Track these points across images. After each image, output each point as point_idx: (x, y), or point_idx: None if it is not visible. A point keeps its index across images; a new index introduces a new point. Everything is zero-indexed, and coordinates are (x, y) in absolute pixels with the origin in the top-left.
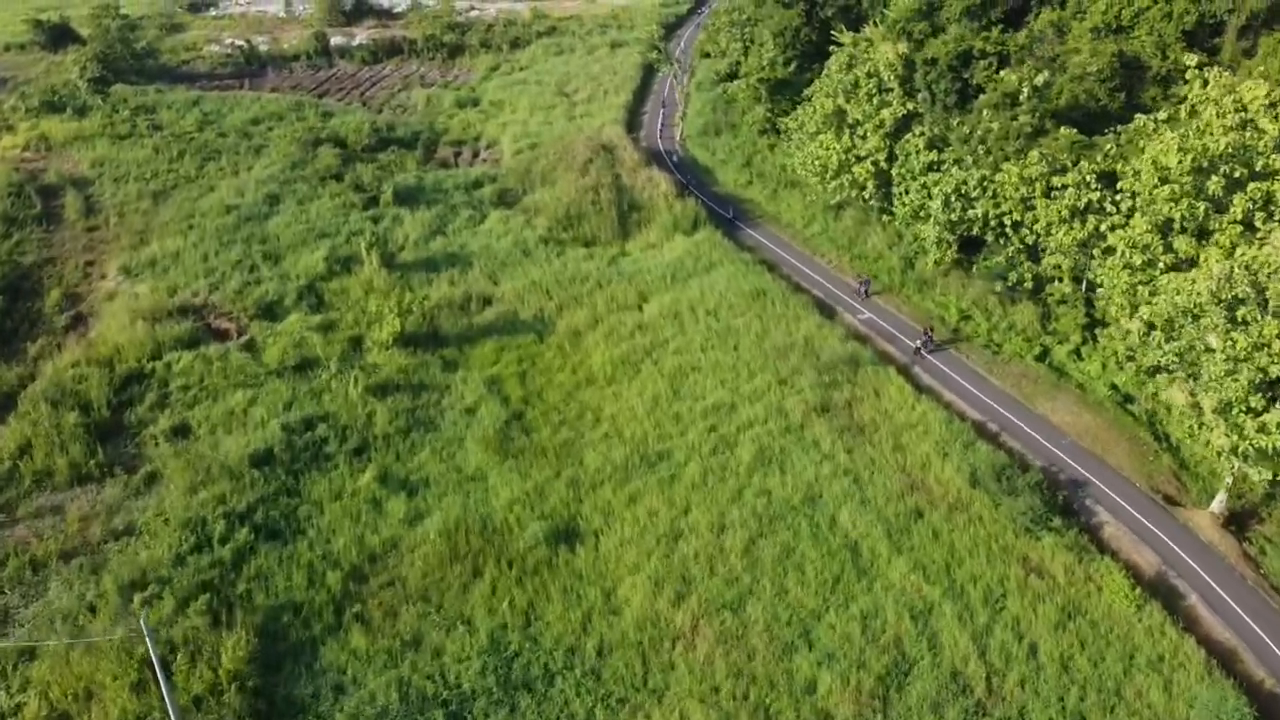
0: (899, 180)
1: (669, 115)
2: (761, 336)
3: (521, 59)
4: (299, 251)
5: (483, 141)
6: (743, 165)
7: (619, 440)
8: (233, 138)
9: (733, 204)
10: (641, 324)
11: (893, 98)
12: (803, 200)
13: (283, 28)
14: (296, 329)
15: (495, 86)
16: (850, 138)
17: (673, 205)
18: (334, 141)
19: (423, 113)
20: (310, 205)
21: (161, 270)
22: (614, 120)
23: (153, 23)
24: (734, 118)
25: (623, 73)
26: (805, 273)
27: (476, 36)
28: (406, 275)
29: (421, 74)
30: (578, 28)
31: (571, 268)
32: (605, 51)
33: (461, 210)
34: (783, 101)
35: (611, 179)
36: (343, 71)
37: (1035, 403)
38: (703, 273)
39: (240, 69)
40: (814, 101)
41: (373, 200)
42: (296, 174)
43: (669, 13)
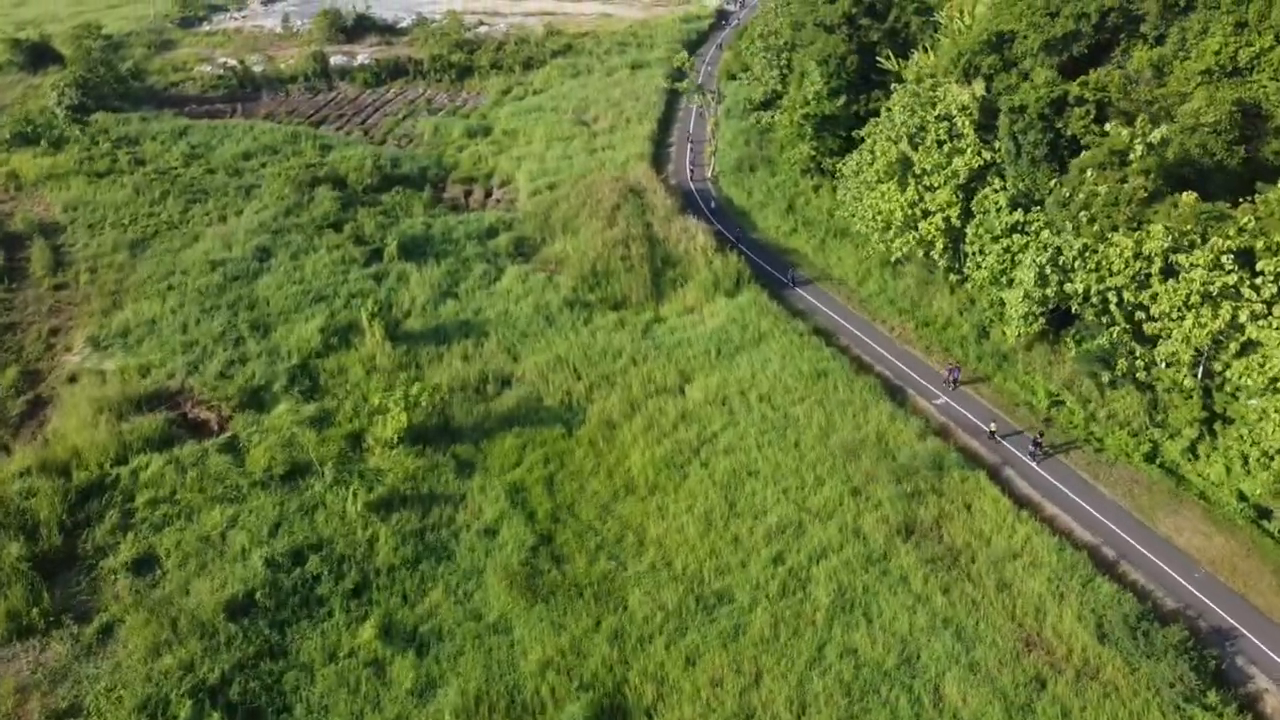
0: (973, 239)
1: (698, 148)
2: (826, 430)
3: (535, 81)
4: (291, 320)
5: (495, 179)
6: (785, 210)
7: (668, 574)
8: (221, 175)
9: (791, 268)
10: (685, 412)
11: (966, 144)
12: (855, 253)
13: (279, 45)
14: (286, 423)
15: (508, 114)
16: (916, 189)
17: (712, 261)
18: (333, 181)
19: (429, 144)
20: (305, 260)
21: (134, 342)
22: (639, 154)
23: (141, 40)
24: (770, 151)
25: (645, 98)
26: (866, 343)
27: (486, 56)
28: (414, 349)
29: (428, 98)
30: (594, 46)
31: (601, 339)
32: (625, 74)
33: (475, 264)
34: (829, 138)
35: (642, 229)
36: (343, 95)
37: (1155, 519)
38: (751, 346)
39: (233, 92)
40: (872, 145)
41: (375, 254)
42: (290, 221)
43: (690, 29)
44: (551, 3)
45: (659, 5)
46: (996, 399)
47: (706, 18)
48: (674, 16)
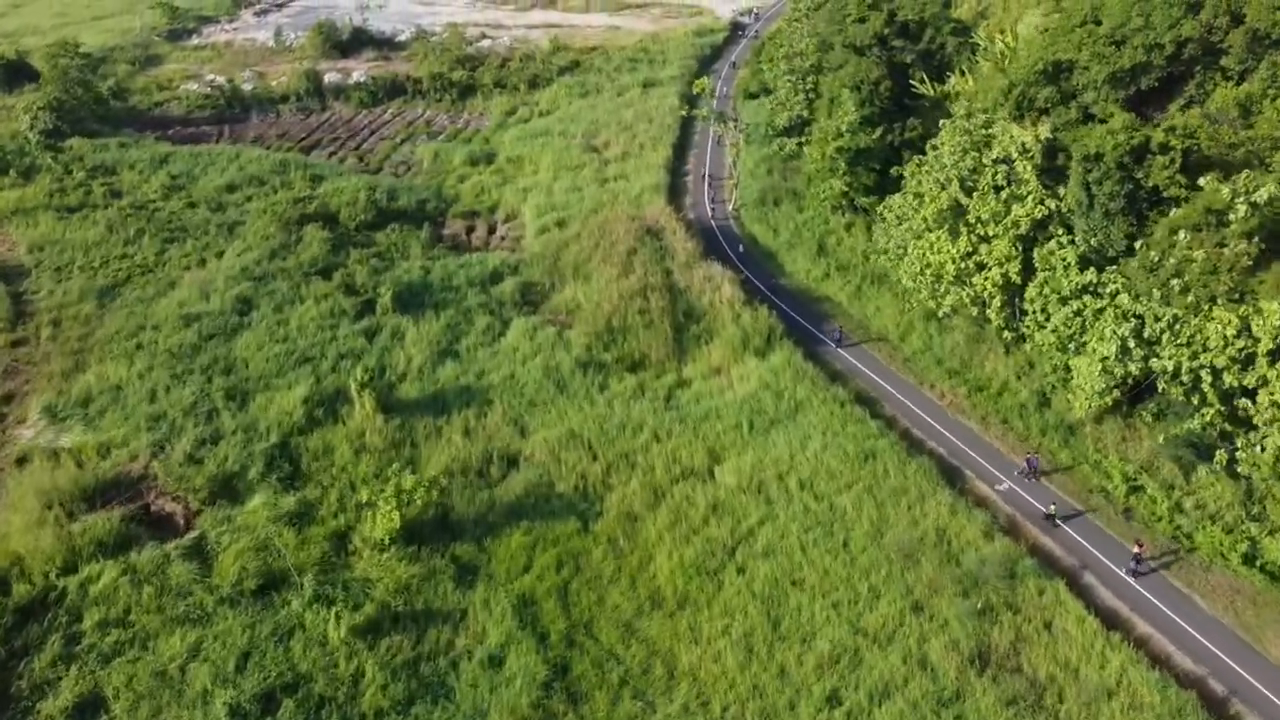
0: (1035, 298)
1: (718, 177)
2: (878, 526)
3: (541, 101)
4: (273, 386)
5: (500, 212)
6: (815, 251)
7: (705, 718)
8: (203, 210)
9: (837, 329)
10: (716, 502)
11: (1027, 191)
12: (895, 302)
13: (271, 60)
14: (261, 520)
15: (513, 138)
16: (969, 239)
17: (739, 314)
18: (323, 218)
19: (429, 172)
20: (290, 313)
21: (96, 414)
22: (654, 185)
23: (125, 55)
24: (796, 182)
25: (659, 120)
26: (914, 413)
27: (489, 74)
28: (409, 422)
29: (427, 119)
30: (603, 63)
31: (619, 410)
32: (637, 93)
33: (477, 317)
34: (863, 173)
35: (661, 277)
36: (337, 116)
37: (1265, 641)
38: (787, 418)
39: (220, 113)
40: (916, 187)
41: (368, 305)
42: (276, 266)
43: (703, 43)
44: (557, 15)
45: (669, 17)
46: (1064, 479)
47: (720, 31)
48: (686, 30)
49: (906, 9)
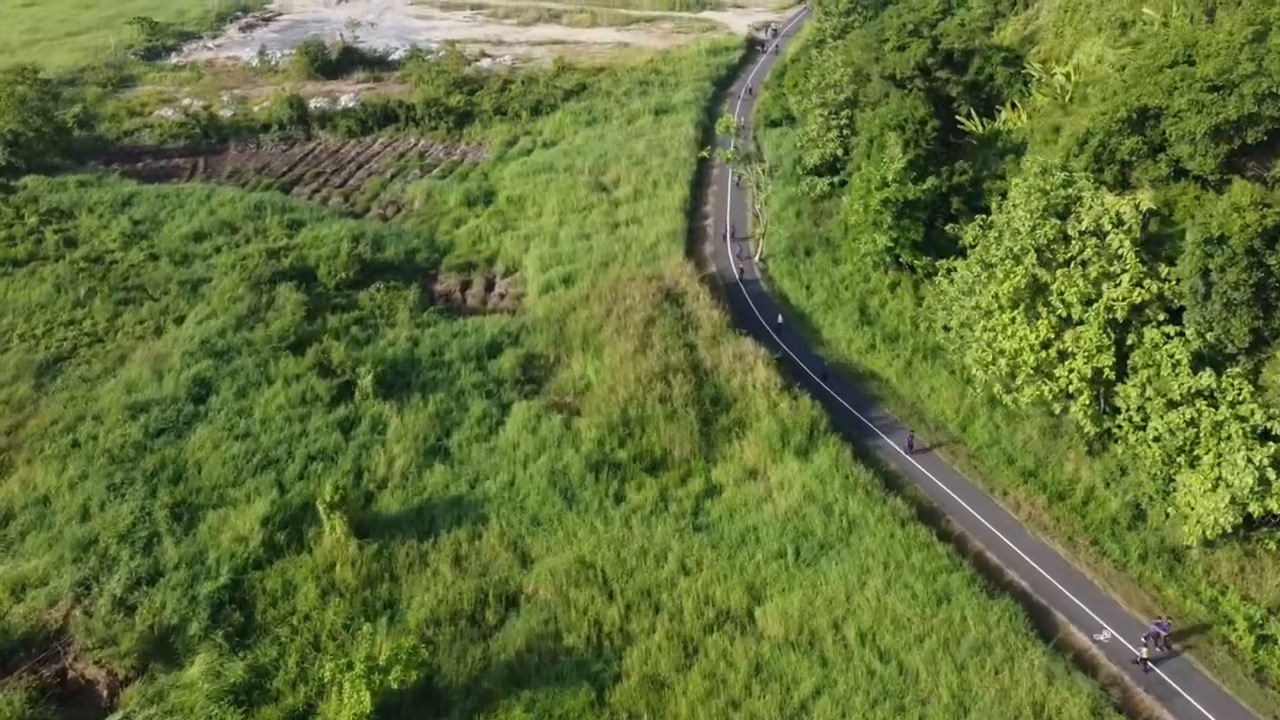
0: (1131, 396)
1: (740, 219)
2: (960, 700)
3: (545, 130)
4: (228, 500)
5: (499, 264)
6: (856, 315)
7: None
8: (165, 264)
9: (911, 434)
10: (760, 661)
11: (1124, 269)
12: (954, 383)
13: (254, 82)
14: (200, 697)
15: (514, 174)
16: (1050, 319)
17: (776, 403)
18: (299, 275)
19: (420, 214)
20: (255, 399)
21: (16, 535)
22: (671, 233)
23: (96, 77)
24: (829, 228)
25: (673, 153)
26: (987, 530)
27: (489, 100)
28: (388, 547)
29: (421, 150)
30: (612, 86)
31: (639, 530)
32: (648, 121)
33: (472, 401)
34: (911, 227)
35: (684, 354)
36: (322, 147)
37: None
38: (839, 541)
39: (195, 143)
40: (983, 255)
41: (345, 388)
42: (241, 338)
43: (718, 63)
44: (561, 30)
45: (681, 32)
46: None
47: (735, 48)
48: (699, 48)
49: (951, 36)
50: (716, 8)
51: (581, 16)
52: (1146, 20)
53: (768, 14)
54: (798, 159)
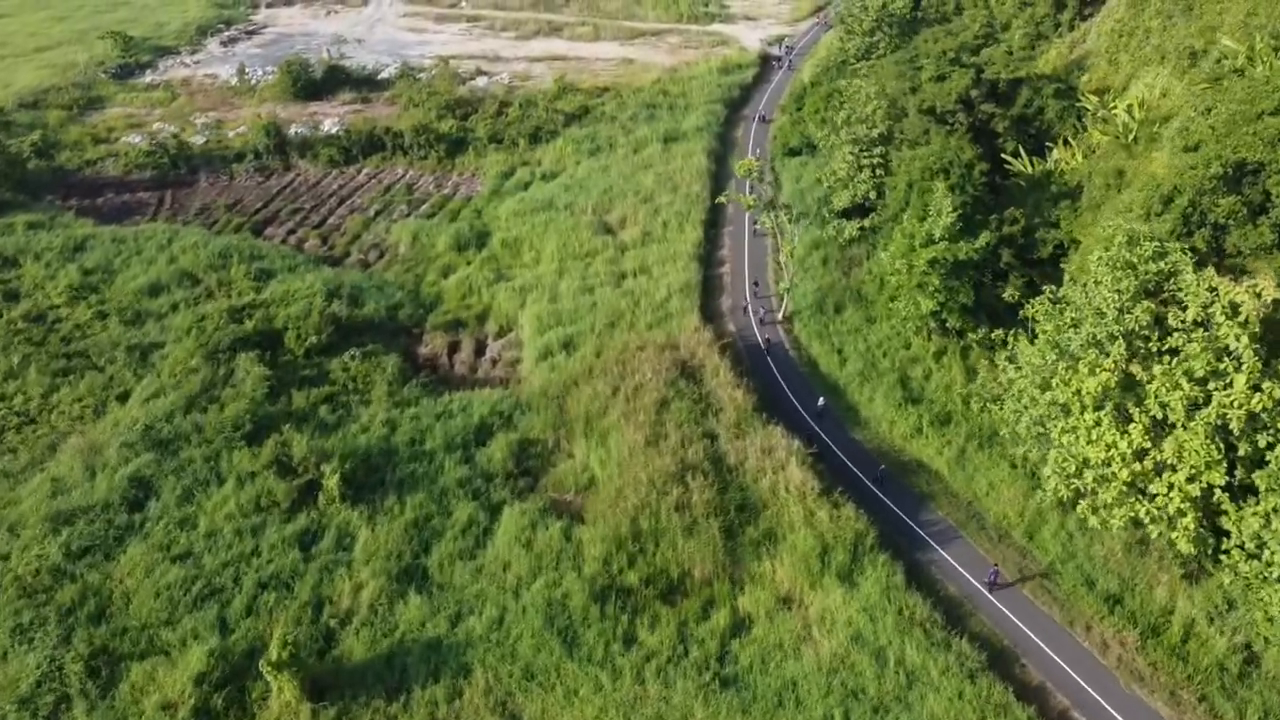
0: (1247, 522)
1: (760, 267)
2: None
3: (544, 160)
4: (158, 646)
5: (491, 323)
6: (897, 389)
7: None
8: (115, 324)
9: (996, 568)
10: None
11: (1239, 367)
12: (1017, 478)
13: (232, 103)
14: None
15: (510, 212)
16: (1144, 420)
17: (813, 511)
18: (264, 341)
19: (405, 260)
20: (201, 507)
21: None
22: (685, 285)
23: (61, 99)
24: (859, 279)
25: (684, 187)
26: (1071, 681)
27: (483, 125)
28: (348, 711)
29: (409, 182)
30: (616, 109)
31: (654, 689)
32: (657, 150)
33: (456, 505)
34: (961, 289)
35: (704, 448)
36: (301, 179)
37: None
38: (896, 701)
39: (163, 174)
40: (1055, 333)
41: (309, 490)
42: (190, 423)
43: (730, 83)
44: (562, 44)
45: (689, 47)
46: None
47: (749, 66)
48: (709, 65)
49: (997, 65)
50: (726, 20)
51: (583, 30)
52: (1226, 53)
53: (780, 26)
54: (823, 198)
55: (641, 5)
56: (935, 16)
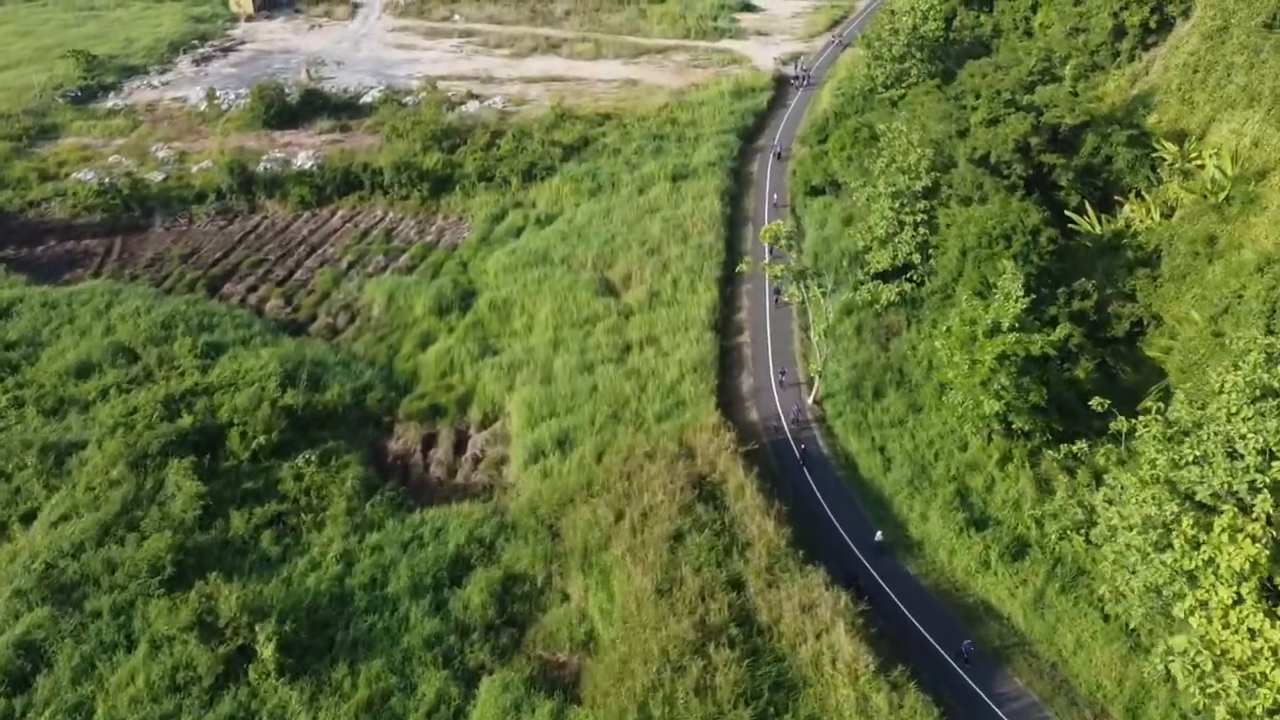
0: None
1: (784, 337)
2: None
3: (539, 201)
4: None
5: (474, 410)
6: (956, 506)
7: None
8: (33, 416)
9: None
10: None
11: None
12: (1111, 632)
13: (199, 131)
14: None
15: (499, 266)
16: None
17: (867, 695)
18: (202, 441)
19: (379, 326)
20: (100, 687)
21: None
22: (699, 362)
23: (10, 127)
24: (900, 352)
25: (696, 236)
26: None
27: (472, 160)
28: None
29: (388, 226)
30: (620, 139)
31: None
32: (664, 190)
33: (422, 676)
34: (1032, 387)
35: (728, 601)
36: (267, 223)
37: None
38: None
39: (115, 216)
40: (1162, 468)
41: (238, 660)
42: (103, 560)
43: (744, 109)
44: (561, 63)
45: (697, 66)
46: None
47: (763, 89)
48: (720, 88)
49: (1060, 108)
50: (737, 36)
51: (584, 47)
52: None
53: (794, 43)
54: (856, 255)
55: (646, 20)
56: (970, 41)
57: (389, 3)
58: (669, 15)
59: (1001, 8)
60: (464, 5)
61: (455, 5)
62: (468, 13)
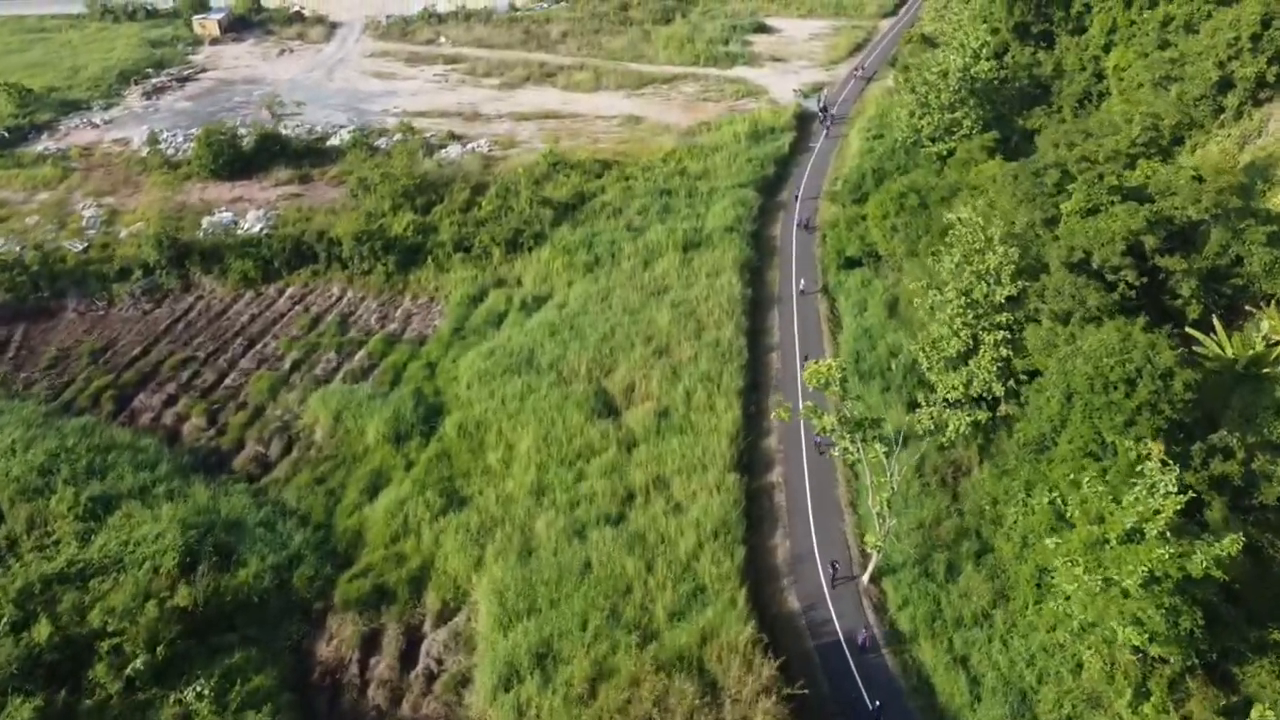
0: None
1: (827, 488)
2: None
3: (526, 277)
4: None
5: (431, 595)
6: None
7: None
8: None
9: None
10: None
11: None
12: None
13: (137, 183)
14: None
15: (474, 371)
16: None
17: None
18: (62, 665)
19: (320, 459)
20: None
21: None
22: (721, 526)
23: None
24: (973, 505)
25: (712, 329)
26: None
27: (449, 224)
28: None
29: (345, 310)
30: (621, 197)
31: None
32: (673, 263)
33: None
34: (1184, 611)
35: None
36: (202, 307)
37: None
38: None
39: (20, 298)
40: None
41: None
42: None
43: (763, 155)
44: (555, 95)
45: (707, 98)
46: None
47: (783, 129)
48: (735, 129)
49: (1181, 195)
50: (751, 62)
51: (581, 76)
52: None
53: (814, 70)
54: (910, 364)
55: (651, 44)
56: (1026, 82)
57: (370, 23)
58: (676, 38)
59: (1065, 44)
60: (451, 27)
61: (441, 26)
62: (455, 35)
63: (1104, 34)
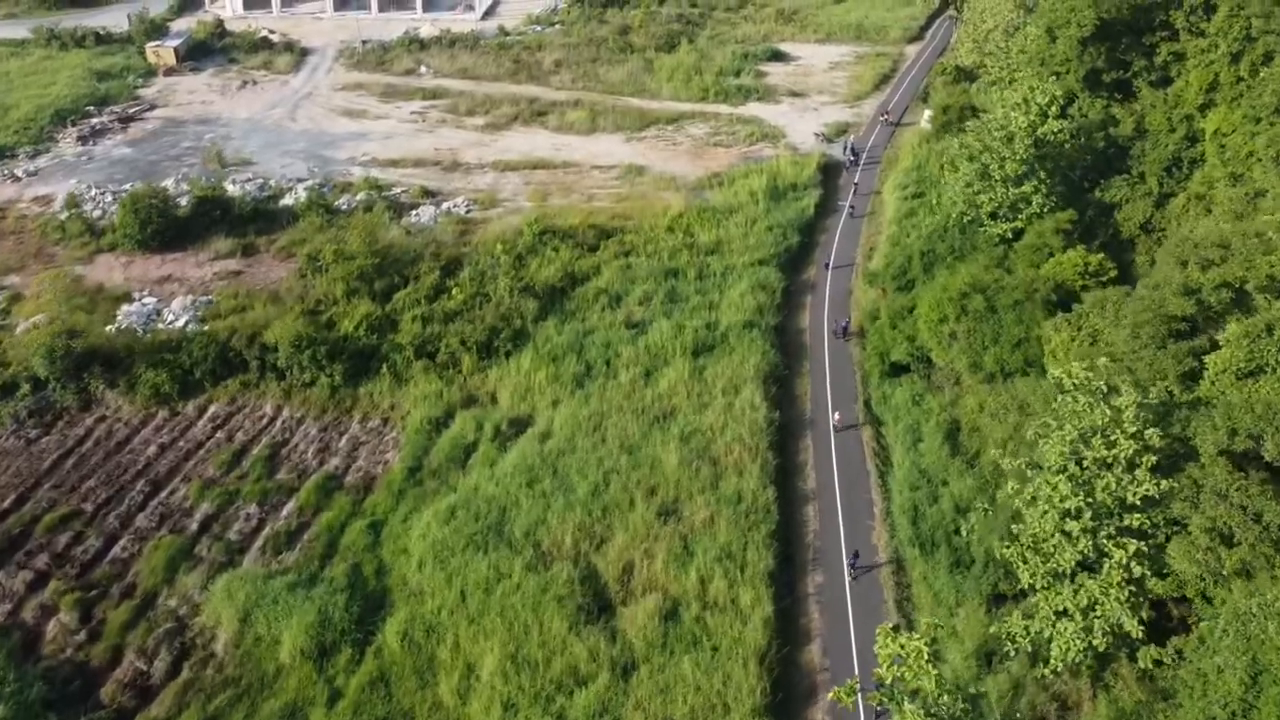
0: None
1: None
2: None
3: (501, 393)
4: None
5: None
6: None
7: None
8: None
9: None
10: None
11: None
12: None
13: (51, 255)
14: None
15: (430, 540)
16: None
17: None
18: None
19: (219, 681)
20: None
21: None
22: None
23: None
24: None
25: (731, 473)
26: None
27: (411, 320)
28: None
29: (276, 438)
30: (619, 280)
31: None
32: (681, 373)
33: None
34: None
35: None
36: (101, 434)
37: None
38: None
39: None
40: None
41: None
42: None
43: (786, 219)
44: (547, 138)
45: (717, 142)
46: None
47: (806, 185)
48: (751, 186)
49: None
50: (766, 97)
51: (576, 116)
52: None
53: (837, 107)
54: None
55: (654, 75)
56: (1102, 144)
57: (344, 50)
58: (682, 69)
59: (1148, 98)
60: (433, 55)
61: (423, 54)
62: (437, 64)
63: (1201, 91)
